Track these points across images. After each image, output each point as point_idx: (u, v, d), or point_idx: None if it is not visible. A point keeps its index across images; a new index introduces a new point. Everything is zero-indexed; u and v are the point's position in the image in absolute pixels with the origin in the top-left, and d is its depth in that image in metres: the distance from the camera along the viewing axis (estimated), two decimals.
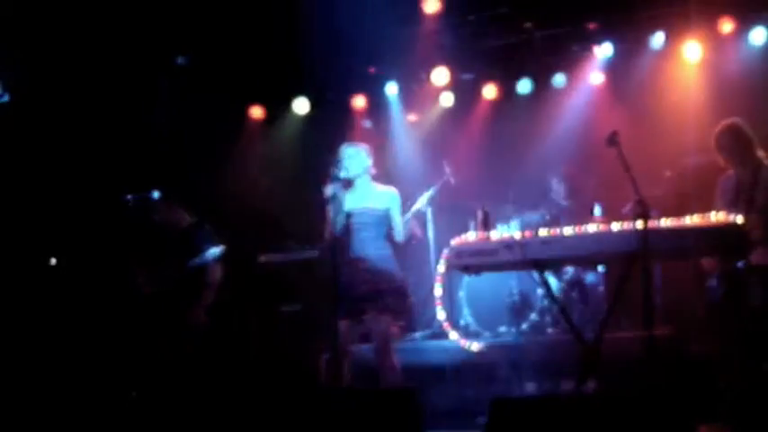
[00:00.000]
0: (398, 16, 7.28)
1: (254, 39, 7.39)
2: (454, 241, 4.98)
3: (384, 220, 5.48)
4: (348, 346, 5.40)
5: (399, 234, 5.50)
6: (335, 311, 5.29)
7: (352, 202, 5.47)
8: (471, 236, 4.96)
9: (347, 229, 5.46)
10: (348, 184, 5.48)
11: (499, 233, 4.98)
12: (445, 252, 5.16)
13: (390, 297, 5.37)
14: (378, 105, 8.51)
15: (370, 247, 5.42)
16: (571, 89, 7.96)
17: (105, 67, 7.03)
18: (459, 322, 7.10)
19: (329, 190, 5.35)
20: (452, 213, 7.23)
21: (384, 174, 5.76)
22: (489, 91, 8.26)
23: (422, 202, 5.71)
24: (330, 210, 5.38)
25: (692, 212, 4.71)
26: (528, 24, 7.61)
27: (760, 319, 5.17)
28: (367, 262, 5.38)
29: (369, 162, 5.53)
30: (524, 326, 6.94)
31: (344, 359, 5.34)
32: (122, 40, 6.91)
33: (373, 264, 5.39)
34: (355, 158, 5.48)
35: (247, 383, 6.74)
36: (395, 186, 5.63)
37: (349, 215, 5.44)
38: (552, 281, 6.54)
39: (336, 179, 5.35)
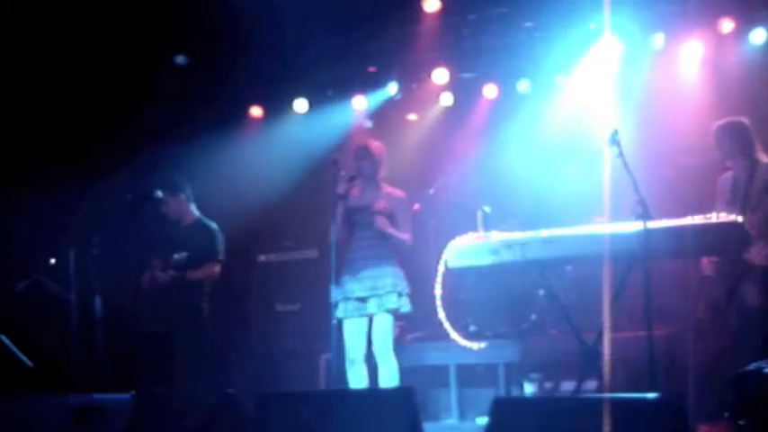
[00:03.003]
0: (398, 16, 7.26)
1: (254, 38, 7.38)
2: (454, 241, 4.98)
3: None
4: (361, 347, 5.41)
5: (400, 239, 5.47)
6: (334, 312, 5.30)
7: (358, 201, 5.47)
8: (471, 236, 4.96)
9: (349, 229, 5.47)
10: (358, 183, 5.49)
11: (499, 233, 4.98)
12: (445, 252, 5.15)
13: (389, 298, 5.37)
14: (378, 105, 8.50)
15: (369, 248, 5.41)
16: (571, 89, 7.95)
17: (106, 67, 7.03)
18: (459, 322, 7.09)
19: (341, 188, 5.37)
20: (452, 213, 7.22)
21: (384, 174, 5.76)
22: (489, 91, 8.25)
23: None
24: (338, 209, 5.39)
25: (692, 212, 4.70)
26: (528, 24, 7.61)
27: (757, 318, 5.16)
28: (366, 261, 5.37)
29: (381, 163, 5.55)
30: (524, 326, 6.92)
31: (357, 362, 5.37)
32: (122, 39, 6.91)
33: (372, 264, 5.38)
34: (369, 159, 5.50)
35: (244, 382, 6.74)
36: (394, 185, 5.62)
37: (352, 214, 5.45)
38: (552, 281, 6.53)
39: (349, 178, 5.39)
